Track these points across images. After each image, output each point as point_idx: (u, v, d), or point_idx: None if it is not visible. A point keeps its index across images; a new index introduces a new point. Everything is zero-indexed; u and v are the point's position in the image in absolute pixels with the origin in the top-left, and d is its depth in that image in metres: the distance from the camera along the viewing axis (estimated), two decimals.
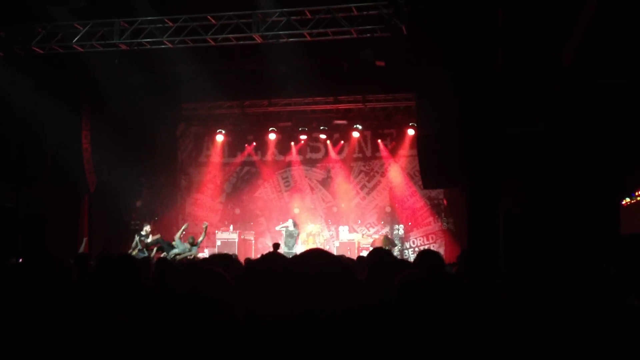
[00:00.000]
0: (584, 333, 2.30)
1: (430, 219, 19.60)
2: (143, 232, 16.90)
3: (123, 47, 13.70)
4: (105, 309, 3.67)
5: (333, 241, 19.52)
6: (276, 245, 13.79)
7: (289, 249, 16.84)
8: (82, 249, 14.50)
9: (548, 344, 2.24)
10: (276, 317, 1.87)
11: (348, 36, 13.03)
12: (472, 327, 3.20)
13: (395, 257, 5.09)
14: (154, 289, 4.76)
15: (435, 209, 19.56)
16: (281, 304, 1.88)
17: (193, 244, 15.81)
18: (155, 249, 15.81)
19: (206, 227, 16.47)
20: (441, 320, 3.03)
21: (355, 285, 1.99)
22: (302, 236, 19.22)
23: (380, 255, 4.40)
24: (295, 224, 18.15)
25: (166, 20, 13.28)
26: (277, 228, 19.05)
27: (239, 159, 21.15)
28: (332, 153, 20.62)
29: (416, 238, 19.59)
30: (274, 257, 4.63)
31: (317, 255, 2.01)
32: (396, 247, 17.36)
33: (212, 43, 13.47)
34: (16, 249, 13.50)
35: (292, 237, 17.43)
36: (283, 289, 1.91)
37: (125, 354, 2.90)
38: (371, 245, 17.42)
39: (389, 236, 18.19)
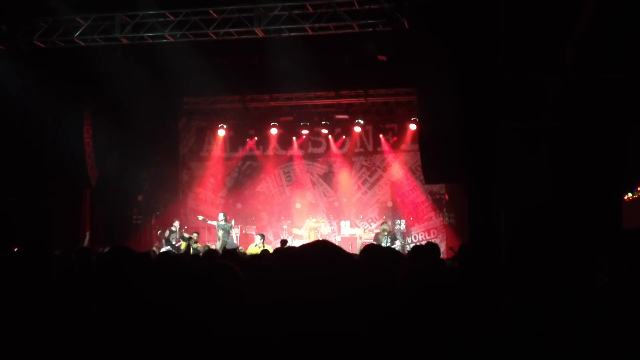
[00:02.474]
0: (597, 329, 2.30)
1: (432, 213, 19.62)
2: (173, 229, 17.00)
3: (125, 41, 13.69)
4: (112, 294, 3.71)
5: (334, 236, 19.53)
6: (284, 242, 13.78)
7: (228, 245, 16.44)
8: (85, 242, 14.54)
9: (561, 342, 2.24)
10: (283, 306, 1.89)
11: (350, 30, 13.01)
12: (472, 318, 3.22)
13: (388, 250, 5.10)
14: (156, 280, 4.80)
15: (437, 203, 19.58)
16: (287, 294, 1.90)
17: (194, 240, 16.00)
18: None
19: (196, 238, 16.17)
20: (442, 310, 3.05)
21: (358, 275, 1.98)
22: (304, 231, 19.23)
23: (372, 250, 4.45)
24: (226, 218, 17.43)
25: (168, 15, 13.26)
26: (210, 222, 17.91)
27: (241, 153, 21.18)
28: (334, 148, 20.63)
29: (418, 233, 19.62)
30: (281, 250, 4.65)
31: (322, 247, 2.02)
32: (397, 241, 17.33)
33: (214, 37, 13.47)
34: (18, 243, 13.50)
35: (225, 230, 17.03)
36: (289, 280, 1.92)
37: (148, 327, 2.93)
38: (374, 240, 17.43)
39: (390, 228, 18.16)
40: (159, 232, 16.05)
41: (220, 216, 17.39)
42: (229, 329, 2.63)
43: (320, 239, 15.11)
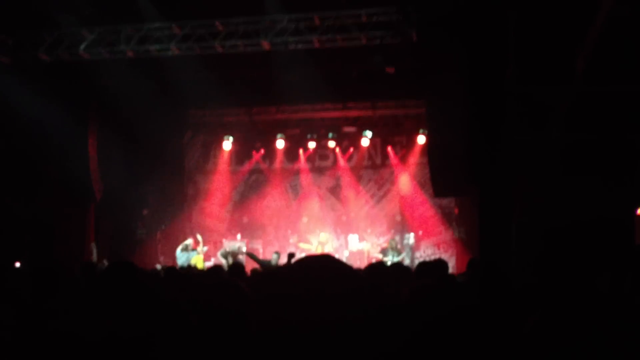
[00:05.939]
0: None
1: (442, 227, 19.44)
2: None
3: (130, 54, 13.68)
4: (112, 315, 3.64)
5: (342, 250, 19.39)
6: (291, 255, 13.68)
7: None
8: (95, 256, 14.48)
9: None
10: (286, 324, 1.84)
11: (357, 43, 12.95)
12: (484, 335, 3.05)
13: (394, 268, 4.95)
14: (161, 296, 4.69)
15: (447, 217, 19.40)
16: (290, 311, 1.85)
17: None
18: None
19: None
20: (451, 328, 2.91)
21: (364, 291, 1.93)
22: (313, 245, 19.07)
23: (378, 268, 4.34)
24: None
25: (173, 27, 13.25)
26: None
27: (247, 166, 21.07)
28: (341, 161, 20.51)
29: (427, 247, 19.44)
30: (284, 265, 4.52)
31: (325, 261, 1.97)
32: (402, 255, 17.20)
33: (220, 50, 13.43)
34: (23, 257, 13.45)
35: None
36: (291, 296, 1.88)
37: None
38: (380, 253, 17.30)
39: (398, 245, 18.02)
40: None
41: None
42: (233, 349, 2.60)
43: (326, 252, 14.91)
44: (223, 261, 15.56)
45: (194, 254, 16.58)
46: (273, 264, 14.33)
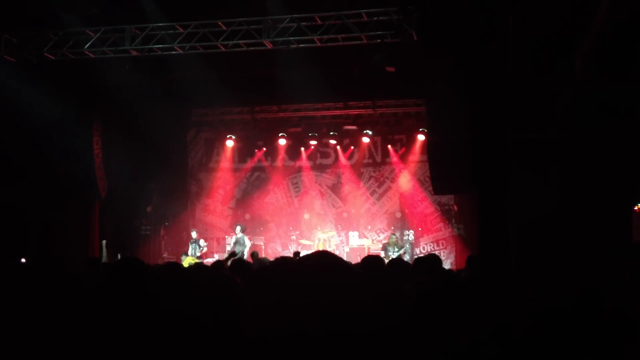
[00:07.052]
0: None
1: (441, 224, 19.55)
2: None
3: (134, 53, 13.76)
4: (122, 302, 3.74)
5: (343, 247, 19.49)
6: (296, 254, 13.74)
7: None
8: (104, 254, 14.58)
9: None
10: (282, 312, 1.95)
11: (358, 42, 13.03)
12: (482, 328, 3.19)
13: (392, 262, 5.06)
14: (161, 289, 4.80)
15: (446, 214, 19.52)
16: (287, 299, 1.95)
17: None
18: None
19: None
20: (449, 322, 3.03)
21: (356, 282, 2.04)
22: (315, 242, 19.17)
23: (372, 261, 4.46)
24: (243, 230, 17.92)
25: (177, 27, 13.33)
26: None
27: (249, 164, 21.19)
28: (342, 158, 20.62)
29: (426, 244, 19.55)
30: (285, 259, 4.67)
31: (321, 256, 2.08)
32: (403, 249, 17.29)
33: (223, 49, 13.51)
34: (27, 253, 13.51)
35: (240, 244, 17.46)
36: (289, 285, 1.98)
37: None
38: (382, 250, 17.40)
39: (399, 240, 18.12)
40: None
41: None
42: (232, 330, 2.72)
43: (326, 249, 14.96)
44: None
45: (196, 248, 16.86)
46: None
